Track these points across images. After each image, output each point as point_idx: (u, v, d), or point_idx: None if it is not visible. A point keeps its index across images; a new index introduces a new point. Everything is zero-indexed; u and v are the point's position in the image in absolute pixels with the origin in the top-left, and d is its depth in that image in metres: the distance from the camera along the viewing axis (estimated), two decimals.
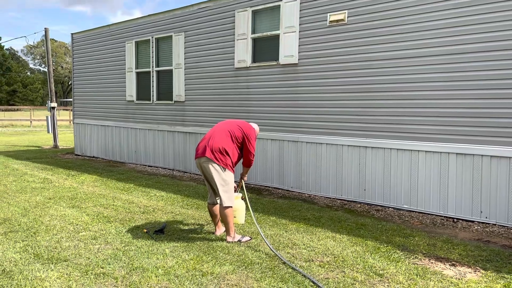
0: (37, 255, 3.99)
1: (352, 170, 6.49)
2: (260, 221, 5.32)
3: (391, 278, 3.59)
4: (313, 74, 6.85)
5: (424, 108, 5.70)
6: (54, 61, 70.64)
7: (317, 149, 6.90)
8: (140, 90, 10.09)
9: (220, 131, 4.62)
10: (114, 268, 3.71)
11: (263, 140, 7.61)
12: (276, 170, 7.50)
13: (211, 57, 8.39)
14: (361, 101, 6.31)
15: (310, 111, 6.94)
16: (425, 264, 3.93)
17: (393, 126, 6.01)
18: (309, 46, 6.86)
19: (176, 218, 5.43)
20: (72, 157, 11.81)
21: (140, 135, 10.21)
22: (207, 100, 8.57)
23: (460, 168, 5.44)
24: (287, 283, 3.44)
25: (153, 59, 9.63)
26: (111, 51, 10.81)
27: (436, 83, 5.58)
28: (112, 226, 5.01)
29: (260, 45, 7.60)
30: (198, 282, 3.44)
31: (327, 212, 5.86)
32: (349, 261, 3.97)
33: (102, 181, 8.04)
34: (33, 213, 5.53)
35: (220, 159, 4.42)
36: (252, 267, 3.78)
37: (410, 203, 5.91)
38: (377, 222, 5.37)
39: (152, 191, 7.15)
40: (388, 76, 6.00)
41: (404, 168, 5.94)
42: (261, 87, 7.59)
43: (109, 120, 11.11)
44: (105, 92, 11.19)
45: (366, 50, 6.19)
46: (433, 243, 4.53)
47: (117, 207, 5.95)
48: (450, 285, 3.47)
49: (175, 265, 3.80)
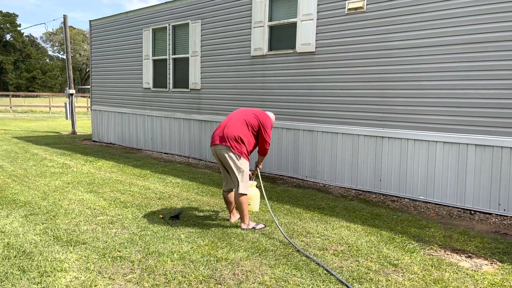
0: (57, 238, 4.09)
1: (368, 160, 6.44)
2: (275, 210, 5.35)
3: (406, 268, 3.57)
4: (330, 63, 6.78)
5: (443, 98, 5.61)
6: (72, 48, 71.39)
7: (333, 138, 6.86)
8: (157, 78, 10.15)
9: (235, 119, 4.63)
10: (130, 252, 3.78)
11: (279, 129, 7.59)
12: (291, 159, 7.49)
13: (227, 45, 8.37)
14: (378, 91, 6.23)
15: (326, 100, 6.89)
16: (440, 255, 3.91)
17: (410, 116, 5.92)
18: (326, 34, 6.78)
19: (192, 205, 5.49)
20: (90, 143, 11.99)
21: (156, 122, 10.30)
22: (223, 88, 8.57)
23: (478, 160, 5.35)
24: (301, 271, 3.46)
25: (170, 46, 9.65)
26: (129, 39, 10.87)
27: (455, 72, 5.47)
28: (129, 211, 5.09)
29: (277, 33, 7.55)
30: (213, 267, 3.49)
31: (342, 202, 5.85)
32: (364, 250, 3.96)
33: (118, 167, 8.16)
34: (53, 197, 5.66)
35: (235, 147, 4.43)
36: (266, 254, 3.81)
37: (427, 194, 5.85)
38: (392, 213, 5.33)
39: (168, 177, 7.23)
40: (407, 65, 5.90)
41: (421, 159, 5.87)
42: (277, 76, 7.55)
43: (126, 107, 11.22)
44: (122, 79, 11.28)
45: (385, 39, 6.10)
46: (449, 235, 4.49)
47: (133, 193, 6.04)
48: (465, 276, 3.44)
49: (190, 250, 3.85)
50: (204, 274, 3.36)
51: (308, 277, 3.34)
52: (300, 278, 3.33)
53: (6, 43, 70.56)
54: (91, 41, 12.42)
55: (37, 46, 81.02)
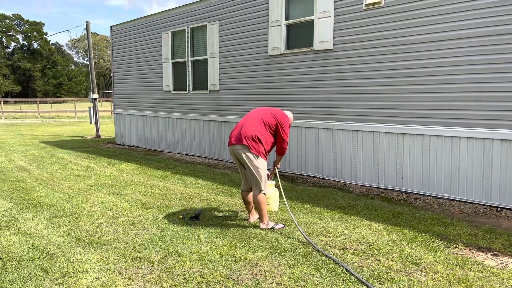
0: (79, 239, 4.17)
1: (390, 157, 6.32)
2: (294, 209, 5.31)
3: (429, 267, 3.48)
4: (348, 60, 6.69)
5: (465, 93, 5.45)
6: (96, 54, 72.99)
7: (353, 136, 6.77)
8: (176, 80, 10.24)
9: (253, 119, 4.61)
10: (150, 253, 3.81)
11: (297, 128, 7.54)
12: (311, 158, 7.43)
13: (245, 45, 8.38)
14: (398, 87, 6.11)
15: (345, 97, 6.80)
16: (465, 254, 3.79)
17: (432, 111, 5.78)
18: (344, 31, 6.70)
19: (211, 205, 5.50)
20: (113, 147, 12.21)
21: (177, 124, 10.40)
22: (241, 89, 8.58)
23: (504, 155, 5.18)
24: (320, 271, 3.42)
25: (189, 49, 9.73)
26: (148, 42, 11.02)
27: (478, 66, 5.30)
28: (150, 212, 5.15)
29: (294, 31, 7.50)
30: (231, 268, 3.48)
31: (363, 201, 5.76)
32: (385, 249, 3.89)
33: (140, 169, 8.27)
34: (76, 200, 5.78)
35: (253, 146, 4.42)
36: (285, 254, 3.78)
37: (451, 191, 5.69)
38: (415, 211, 5.22)
39: (189, 178, 7.28)
40: (427, 60, 5.76)
41: (444, 155, 5.72)
42: (295, 74, 7.51)
43: (147, 110, 11.37)
44: (143, 82, 11.44)
45: (404, 34, 5.97)
46: (474, 233, 4.36)
47: (154, 194, 6.11)
48: (491, 275, 3.33)
49: (209, 250, 3.86)
50: (222, 274, 3.36)
51: (328, 277, 3.30)
52: (319, 278, 3.29)
53: (34, 51, 72.76)
54: (112, 46, 12.66)
55: (63, 53, 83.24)
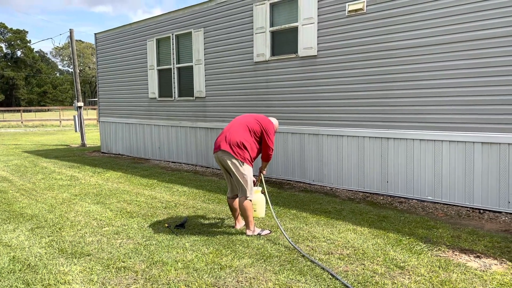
0: (62, 250, 4.11)
1: (374, 162, 6.38)
2: (281, 215, 5.31)
3: (412, 270, 3.51)
4: (332, 66, 6.75)
5: (447, 97, 5.54)
6: (82, 62, 72.42)
7: (338, 141, 6.81)
8: (162, 87, 10.21)
9: (238, 125, 4.62)
10: (134, 262, 3.78)
11: (284, 134, 7.57)
12: (297, 164, 7.46)
13: (230, 51, 8.40)
14: (382, 92, 6.18)
15: (330, 103, 6.86)
16: (448, 256, 3.83)
17: (415, 116, 5.86)
18: (328, 38, 6.76)
19: (197, 213, 5.48)
20: (98, 155, 12.09)
21: (163, 131, 10.35)
22: (227, 95, 8.59)
23: (486, 158, 5.26)
24: (305, 276, 3.42)
25: (174, 56, 9.72)
26: (133, 49, 10.97)
27: (459, 70, 5.40)
28: (135, 221, 5.10)
29: (279, 38, 7.55)
30: (216, 275, 3.47)
31: (349, 205, 5.79)
32: (370, 253, 3.91)
33: (126, 177, 8.20)
34: (59, 210, 5.70)
35: (238, 153, 4.42)
36: (270, 260, 3.78)
37: (435, 194, 5.76)
38: (399, 214, 5.26)
39: (175, 186, 7.24)
40: (410, 65, 5.85)
41: (428, 159, 5.79)
42: (280, 80, 7.54)
43: (133, 118, 11.30)
44: (128, 90, 11.38)
45: (387, 39, 6.05)
46: (457, 235, 4.41)
47: (140, 203, 6.06)
48: (473, 277, 3.37)
49: (194, 258, 3.84)
50: (207, 282, 3.34)
51: (313, 282, 3.30)
52: (305, 283, 3.29)
53: (17, 59, 71.83)
54: (97, 54, 12.57)
55: (47, 61, 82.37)
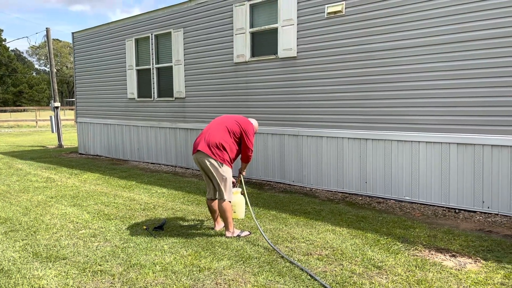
0: (36, 254, 4.01)
1: (353, 162, 6.44)
2: (261, 216, 5.31)
3: (390, 270, 3.55)
4: (312, 67, 6.79)
5: (424, 99, 5.64)
6: (59, 61, 71.02)
7: (318, 142, 6.86)
8: (141, 88, 10.09)
9: (217, 126, 4.60)
10: (111, 265, 3.71)
11: (264, 135, 7.58)
12: (277, 165, 7.47)
13: (210, 52, 8.36)
14: (361, 93, 6.25)
15: (310, 104, 6.90)
16: (424, 255, 3.90)
17: (393, 117, 5.95)
18: (307, 39, 6.80)
19: (177, 215, 5.43)
20: (76, 156, 11.86)
21: (142, 132, 10.23)
22: (207, 96, 8.54)
23: (461, 158, 5.38)
24: (284, 277, 3.42)
25: (153, 56, 9.62)
26: (112, 49, 10.81)
27: (436, 72, 5.50)
28: (112, 224, 5.02)
29: (259, 39, 7.56)
30: (195, 278, 3.44)
31: (328, 205, 5.83)
32: (348, 254, 3.94)
33: (104, 179, 8.07)
34: (34, 212, 5.56)
35: (217, 154, 4.40)
36: (250, 261, 3.77)
37: (412, 194, 5.86)
38: (378, 214, 5.33)
39: (154, 188, 7.16)
40: (388, 67, 5.93)
41: (405, 160, 5.88)
42: (260, 81, 7.55)
43: (111, 118, 11.13)
44: (106, 90, 11.20)
45: (365, 41, 6.12)
46: (433, 234, 4.49)
47: (118, 205, 5.97)
48: (449, 276, 3.43)
49: (173, 261, 3.80)
50: (186, 285, 3.30)
51: (292, 283, 3.31)
52: (283, 284, 3.30)
53: None
54: (74, 53, 12.35)
55: (23, 60, 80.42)
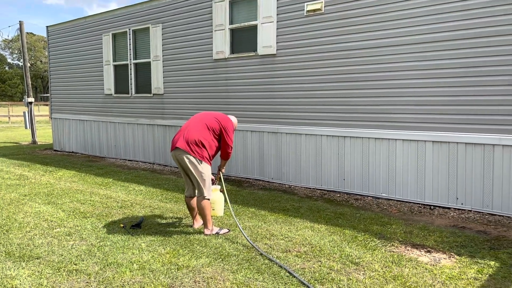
0: (9, 253, 3.89)
1: (332, 160, 6.50)
2: (240, 213, 5.30)
3: (367, 266, 3.60)
4: (291, 65, 6.81)
5: (401, 97, 5.72)
6: (33, 56, 69.18)
7: (297, 139, 6.89)
8: (118, 83, 9.92)
9: (196, 123, 4.56)
10: (87, 264, 3.64)
11: (243, 132, 7.56)
12: (257, 162, 7.47)
13: (189, 48, 8.28)
14: (340, 91, 6.30)
15: (289, 101, 6.92)
16: (401, 251, 3.96)
17: (371, 115, 6.02)
18: (287, 37, 6.81)
19: (154, 212, 5.36)
20: (51, 153, 11.59)
21: (119, 129, 10.06)
22: (186, 93, 8.47)
23: (436, 156, 5.49)
24: (263, 274, 3.42)
25: (131, 51, 9.46)
26: (88, 44, 10.59)
27: (412, 71, 5.60)
28: (88, 222, 4.92)
29: (238, 35, 7.52)
30: (173, 276, 3.40)
31: (307, 202, 5.87)
32: (326, 250, 3.97)
33: (80, 176, 7.90)
34: (7, 211, 5.40)
35: (196, 151, 4.36)
36: (228, 259, 3.75)
37: (389, 191, 5.95)
38: (355, 211, 5.39)
39: (131, 185, 7.06)
40: (365, 65, 6.00)
41: (382, 157, 5.97)
42: (240, 78, 7.53)
43: (87, 115, 10.91)
44: (82, 86, 10.97)
45: (344, 40, 6.17)
46: (409, 231, 4.57)
47: (94, 203, 5.85)
48: (424, 271, 3.50)
49: (150, 259, 3.75)
50: (163, 284, 3.27)
51: (270, 281, 3.31)
52: (262, 281, 3.30)
53: None
54: (49, 47, 12.04)
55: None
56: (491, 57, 4.99)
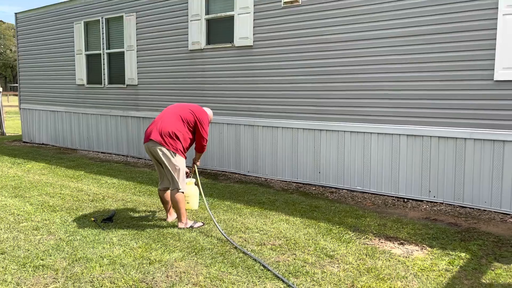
0: None
1: (308, 153, 6.49)
2: (215, 206, 5.24)
3: (341, 259, 3.60)
4: (268, 57, 6.75)
5: (376, 91, 5.75)
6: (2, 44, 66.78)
7: (273, 133, 6.85)
8: (91, 74, 9.65)
9: (170, 115, 4.47)
10: (55, 260, 3.51)
11: (219, 125, 7.47)
12: (233, 155, 7.41)
13: (164, 38, 8.11)
14: (316, 84, 6.28)
15: (265, 94, 6.86)
16: (375, 244, 3.99)
17: (346, 108, 6.03)
18: (264, 28, 6.74)
19: (127, 206, 5.24)
20: (20, 144, 11.20)
21: (92, 120, 9.80)
22: (161, 84, 8.30)
23: (410, 149, 5.55)
24: (237, 268, 3.38)
25: (104, 40, 9.20)
26: (59, 32, 10.24)
27: (387, 65, 5.62)
28: (57, 216, 4.76)
29: (215, 26, 7.40)
30: (145, 271, 3.32)
31: (282, 196, 5.85)
32: (301, 243, 3.96)
33: (50, 168, 7.66)
34: None
35: (170, 143, 4.27)
36: (202, 253, 3.69)
37: (363, 184, 5.99)
38: (330, 204, 5.41)
39: (104, 178, 6.88)
40: (341, 58, 5.99)
41: (358, 150, 6.00)
42: (216, 70, 7.42)
43: (58, 105, 10.58)
44: (53, 75, 10.62)
45: (321, 32, 6.15)
46: (383, 223, 4.61)
47: (64, 196, 5.68)
48: (397, 263, 3.53)
49: (122, 253, 3.65)
50: (134, 279, 3.18)
51: (244, 274, 3.27)
52: (236, 275, 3.25)
53: None
54: (17, 35, 11.61)
55: None
56: (463, 52, 5.06)
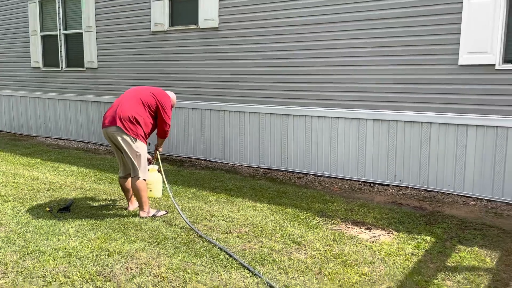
0: None
1: (275, 138, 6.39)
2: (179, 194, 5.06)
3: (308, 245, 3.54)
4: (234, 40, 6.55)
5: (342, 75, 5.68)
6: None
7: (240, 118, 6.70)
8: (47, 56, 9.13)
9: (130, 99, 4.23)
10: (5, 253, 3.27)
11: (184, 109, 7.24)
12: (199, 141, 7.21)
13: (125, 19, 7.73)
14: (283, 68, 6.16)
15: (232, 78, 6.68)
16: (342, 229, 3.95)
17: (313, 93, 5.95)
18: (229, 9, 6.52)
19: (86, 194, 4.99)
20: None
21: (49, 105, 9.31)
22: (122, 67, 7.94)
23: (376, 134, 5.55)
24: (201, 258, 3.25)
25: (61, 21, 8.70)
26: (12, 12, 9.60)
27: (353, 49, 5.55)
28: (9, 206, 4.46)
29: (179, 7, 7.11)
30: (103, 263, 3.13)
31: (250, 182, 5.74)
32: (268, 230, 3.87)
33: (3, 156, 7.22)
34: None
35: (130, 128, 4.05)
36: (165, 242, 3.54)
37: (330, 169, 5.97)
38: (298, 190, 5.34)
39: (62, 165, 6.54)
40: (308, 42, 5.88)
41: (325, 135, 5.95)
42: (180, 53, 7.15)
43: (12, 89, 9.99)
44: (6, 57, 9.99)
45: (288, 15, 6.00)
46: (350, 208, 4.59)
47: (17, 185, 5.34)
48: (364, 248, 3.50)
49: (78, 245, 3.44)
50: (91, 272, 2.99)
51: (209, 264, 3.15)
52: (200, 265, 3.12)
53: None
54: None
55: None
56: (428, 36, 5.05)
